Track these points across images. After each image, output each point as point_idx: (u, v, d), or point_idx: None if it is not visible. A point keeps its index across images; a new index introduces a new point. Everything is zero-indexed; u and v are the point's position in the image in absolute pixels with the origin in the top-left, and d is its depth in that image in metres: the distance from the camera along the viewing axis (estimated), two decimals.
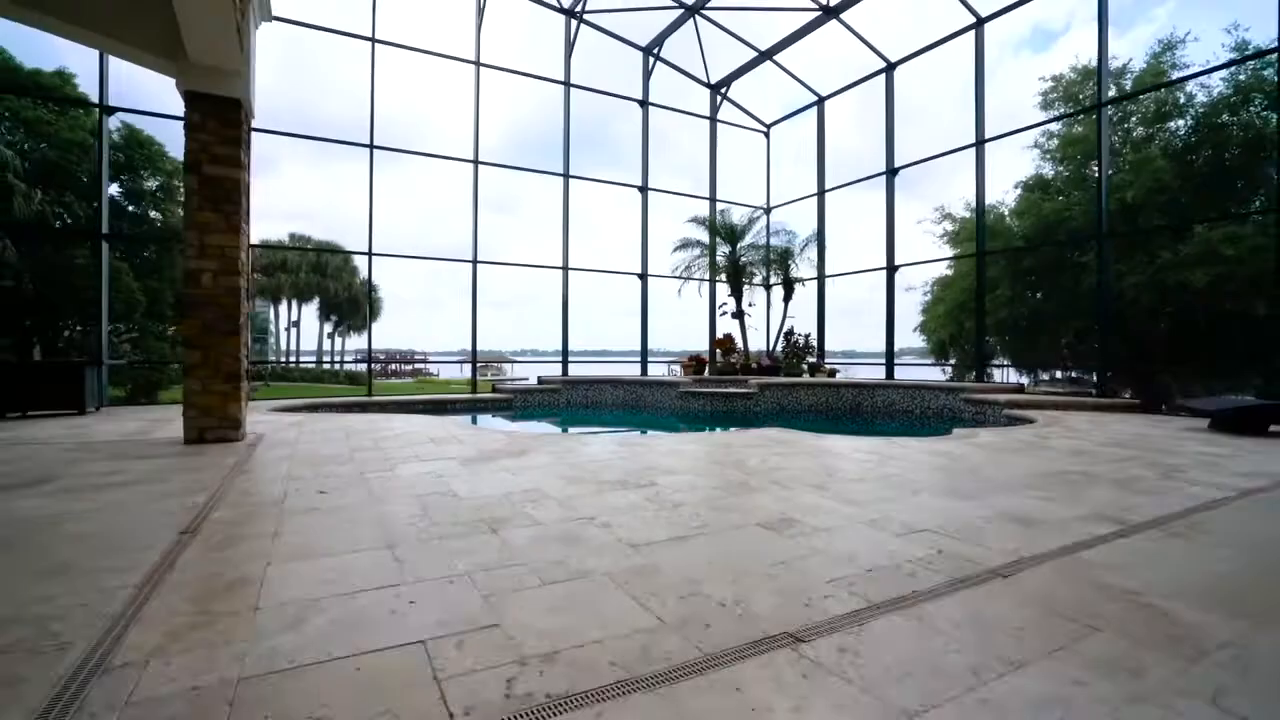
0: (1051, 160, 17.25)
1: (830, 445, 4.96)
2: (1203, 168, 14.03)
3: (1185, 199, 13.47)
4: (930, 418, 9.23)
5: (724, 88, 14.10)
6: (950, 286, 18.70)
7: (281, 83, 30.67)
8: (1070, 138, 16.41)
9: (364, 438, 5.33)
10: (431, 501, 3.02)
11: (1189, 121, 14.59)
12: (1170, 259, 12.67)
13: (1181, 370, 13.50)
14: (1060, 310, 15.72)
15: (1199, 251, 12.31)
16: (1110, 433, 5.74)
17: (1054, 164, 17.17)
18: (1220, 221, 12.16)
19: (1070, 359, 17.48)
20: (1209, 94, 14.23)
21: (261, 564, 2.11)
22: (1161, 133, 14.92)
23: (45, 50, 20.52)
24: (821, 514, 2.81)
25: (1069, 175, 16.66)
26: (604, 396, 11.21)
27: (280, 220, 65.06)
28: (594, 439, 5.17)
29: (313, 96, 40.81)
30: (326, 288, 40.41)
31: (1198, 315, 12.35)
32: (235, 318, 5.13)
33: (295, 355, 45.02)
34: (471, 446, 4.80)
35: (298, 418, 6.89)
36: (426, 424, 6.21)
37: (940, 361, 18.95)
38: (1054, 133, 17.18)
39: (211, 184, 5.02)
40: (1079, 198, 15.65)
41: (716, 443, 5.04)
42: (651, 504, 2.98)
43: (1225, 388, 14.03)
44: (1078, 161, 16.31)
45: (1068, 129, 17.00)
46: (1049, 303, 16.16)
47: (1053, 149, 17.19)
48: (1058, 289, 15.88)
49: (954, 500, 3.11)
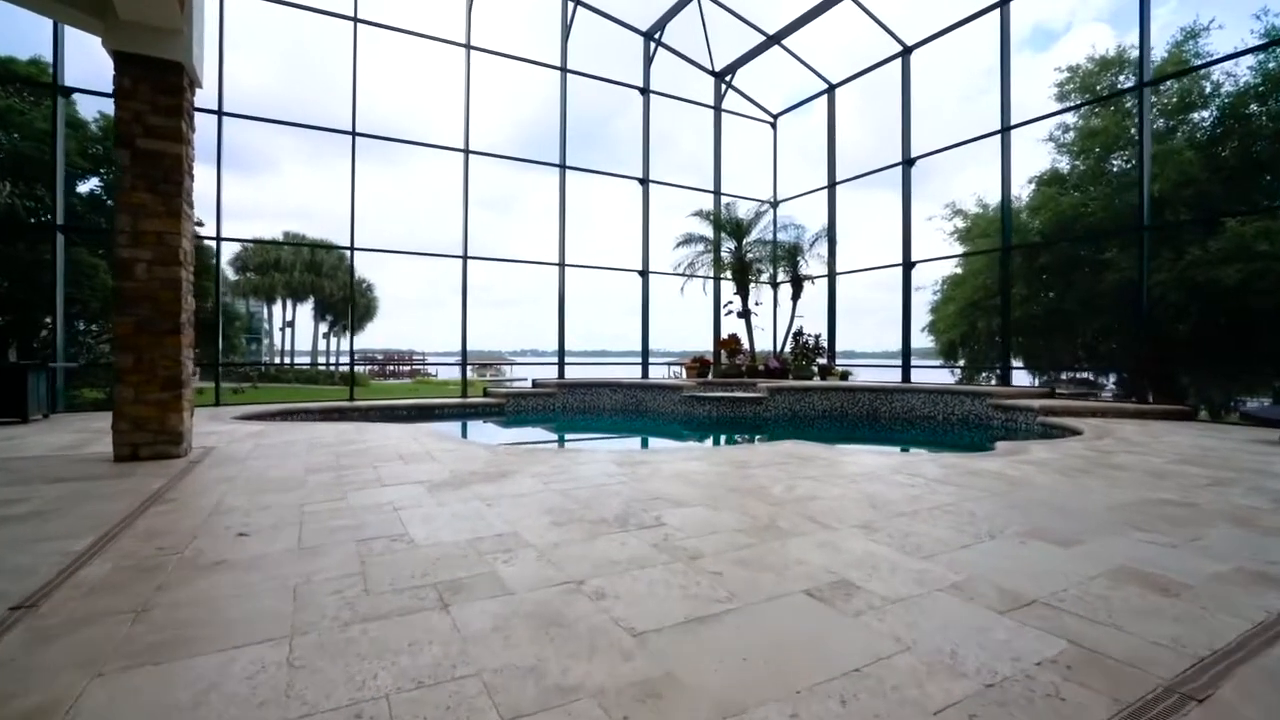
0: (1068, 154, 16.61)
1: (860, 463, 4.28)
2: (1230, 160, 13.38)
3: (1214, 192, 12.83)
4: (955, 425, 8.55)
5: (729, 75, 13.41)
6: (961, 285, 18.03)
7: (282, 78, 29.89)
8: (1089, 130, 15.76)
9: (326, 453, 4.65)
10: (375, 552, 2.34)
11: (1213, 112, 13.95)
12: (1199, 255, 12.01)
13: (1212, 372, 12.81)
14: (1080, 309, 15.08)
15: (1230, 247, 11.65)
16: (1171, 446, 5.07)
17: (1070, 157, 16.53)
18: (1251, 216, 11.50)
19: (1086, 360, 16.84)
20: (1235, 83, 13.59)
21: (89, 675, 1.43)
22: (1184, 124, 14.28)
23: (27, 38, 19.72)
24: (883, 572, 2.13)
25: (1086, 169, 16.02)
26: (602, 401, 10.53)
27: (277, 219, 64.43)
28: (589, 455, 4.49)
29: (315, 94, 40.18)
30: (321, 286, 39.67)
31: (1229, 314, 11.68)
32: (175, 314, 4.44)
33: (290, 356, 44.32)
34: (446, 465, 4.11)
35: (261, 427, 6.20)
36: (402, 436, 5.52)
37: (948, 363, 18.31)
38: (1069, 125, 16.55)
39: (147, 160, 4.33)
40: (1099, 191, 15.00)
41: (730, 461, 4.36)
42: (660, 555, 2.30)
43: (1242, 389, 13.38)
44: (1096, 155, 15.67)
45: (1085, 121, 16.38)
46: (1066, 301, 15.50)
47: (1068, 142, 16.55)
48: (1074, 287, 15.24)
49: (1046, 546, 2.43)
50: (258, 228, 57.11)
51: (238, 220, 60.96)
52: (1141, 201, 7.96)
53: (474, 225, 52.73)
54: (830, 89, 12.62)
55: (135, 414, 4.31)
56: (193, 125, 4.76)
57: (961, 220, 19.19)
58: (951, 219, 19.12)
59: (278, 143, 78.57)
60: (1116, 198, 14.29)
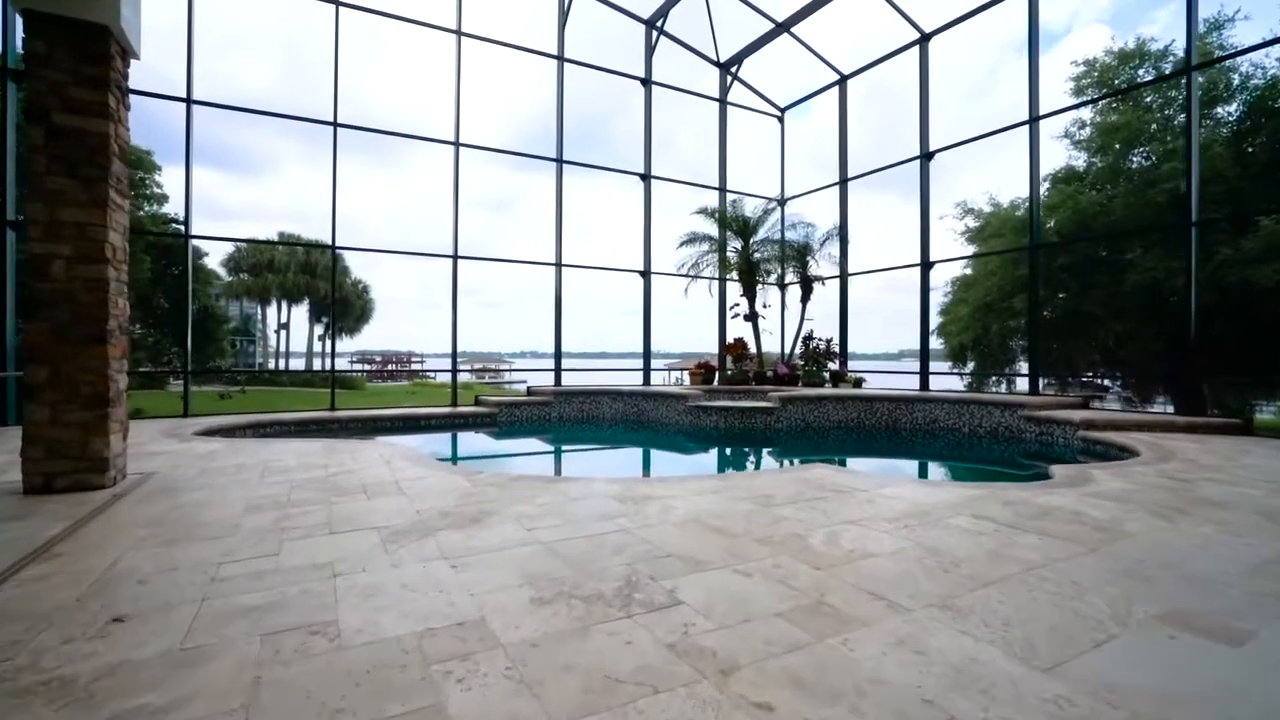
0: (1085, 150, 16.01)
1: (906, 498, 3.62)
2: (1259, 155, 12.79)
3: (1243, 189, 12.21)
4: (983, 438, 7.89)
5: (734, 66, 12.77)
6: (973, 286, 17.42)
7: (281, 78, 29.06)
8: (1107, 125, 15.16)
9: (279, 483, 3.99)
10: (282, 656, 1.68)
11: (1239, 106, 13.35)
12: (1231, 255, 11.38)
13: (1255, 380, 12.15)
14: (1101, 312, 14.46)
15: (1265, 246, 11.02)
16: (1258, 471, 4.41)
17: (1088, 154, 15.93)
18: None
19: (1102, 363, 16.21)
20: (1263, 75, 13.01)
21: None
22: (1207, 120, 13.70)
23: None
24: (1003, 701, 1.47)
25: (1105, 166, 15.42)
26: (601, 410, 9.87)
27: (277, 220, 63.88)
28: (584, 486, 3.84)
29: (314, 93, 39.63)
30: (316, 288, 39.00)
31: (1271, 317, 11.04)
32: (100, 320, 3.79)
33: (286, 358, 43.65)
34: (414, 502, 3.45)
35: (218, 445, 5.54)
36: (372, 458, 4.86)
37: (958, 368, 17.70)
38: (1085, 121, 15.96)
39: (64, 139, 3.68)
40: (1121, 189, 14.40)
41: (751, 494, 3.70)
42: (679, 666, 1.64)
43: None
44: (1116, 151, 15.07)
45: (1103, 116, 15.81)
46: (1085, 303, 14.87)
47: (1086, 138, 15.95)
48: (1093, 289, 14.62)
49: (1205, 644, 1.77)
50: (257, 228, 56.46)
51: (239, 221, 60.51)
52: (1189, 193, 7.29)
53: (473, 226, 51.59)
54: (842, 80, 11.97)
55: (51, 438, 3.65)
56: (126, 102, 4.10)
57: (973, 219, 18.60)
58: (962, 218, 18.53)
59: (279, 144, 77.99)
60: (1139, 194, 13.69)
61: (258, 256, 36.27)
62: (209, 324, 17.90)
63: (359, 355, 58.62)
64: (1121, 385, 16.37)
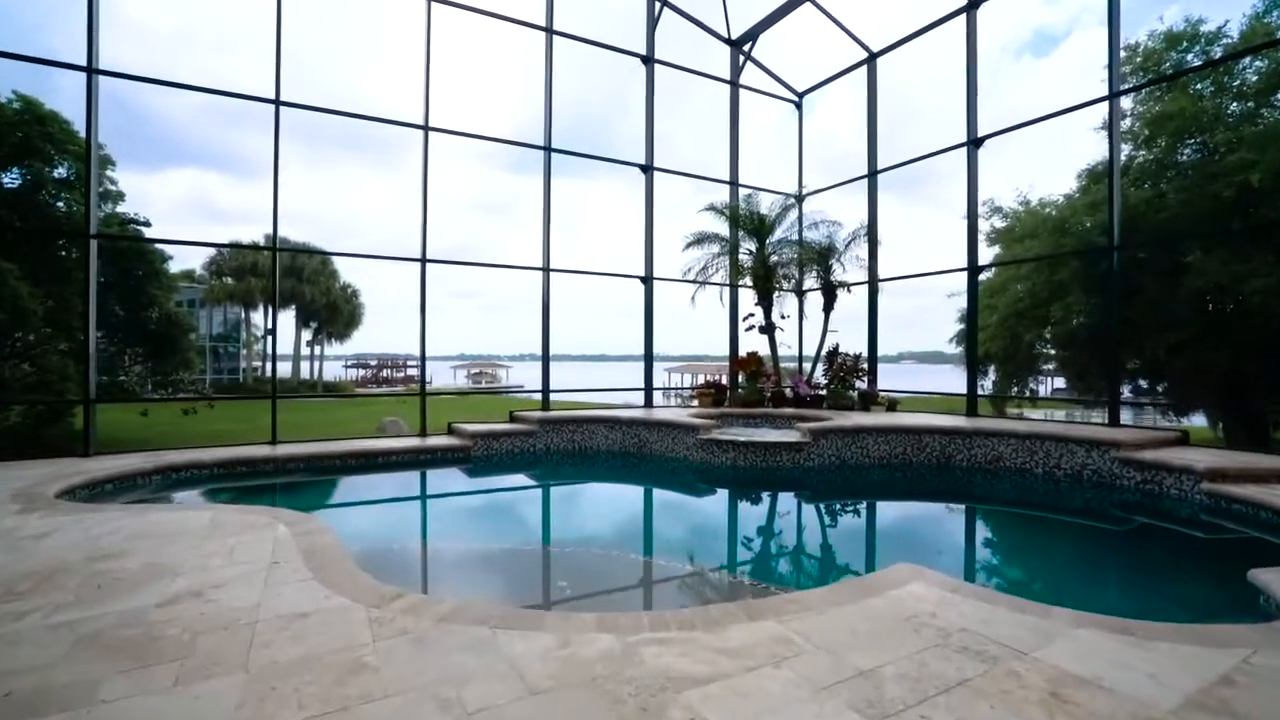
0: (1129, 142, 14.62)
1: (1103, 680, 2.12)
2: None
3: None
4: (1063, 484, 6.39)
5: (747, 44, 11.31)
6: (1002, 293, 16.05)
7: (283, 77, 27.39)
8: (1155, 115, 13.77)
9: (61, 631, 2.48)
10: None
11: None
12: None
13: None
14: (1148, 320, 13.04)
15: None
16: None
17: (1132, 146, 14.54)
18: None
19: (1144, 375, 14.80)
20: None
21: None
22: (1270, 108, 12.31)
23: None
24: None
25: (1152, 159, 14.04)
26: (595, 440, 8.36)
27: (268, 223, 62.37)
28: (549, 652, 2.35)
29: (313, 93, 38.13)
30: (302, 293, 37.46)
31: None
32: None
33: (273, 364, 42.06)
34: (247, 689, 1.95)
35: (58, 522, 4.01)
36: (254, 559, 3.35)
37: (1006, 392, 16.28)
38: (1126, 111, 14.58)
39: None
40: (1175, 184, 13.00)
41: (835, 670, 2.20)
42: None
43: None
44: (1166, 143, 13.67)
45: (1148, 106, 14.44)
46: (1132, 311, 13.44)
47: (1130, 130, 14.55)
48: (1141, 295, 13.19)
49: None
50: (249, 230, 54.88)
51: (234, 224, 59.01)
52: None
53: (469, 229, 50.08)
54: (871, 58, 10.52)
55: None
56: None
57: (1000, 219, 17.23)
58: (989, 218, 17.17)
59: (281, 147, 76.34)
60: (1196, 189, 12.28)
61: (241, 260, 34.73)
62: (172, 333, 16.27)
63: (354, 359, 56.88)
64: (1166, 400, 14.95)
